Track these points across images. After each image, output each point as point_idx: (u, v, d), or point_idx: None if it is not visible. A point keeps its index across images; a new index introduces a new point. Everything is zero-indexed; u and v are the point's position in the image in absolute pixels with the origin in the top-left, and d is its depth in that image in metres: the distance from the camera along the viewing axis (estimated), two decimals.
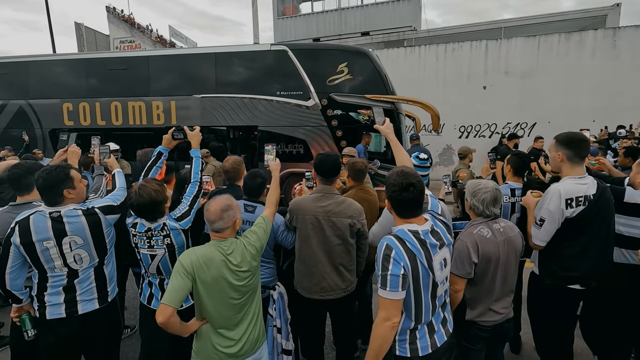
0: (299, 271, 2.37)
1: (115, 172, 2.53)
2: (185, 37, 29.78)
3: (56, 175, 1.95)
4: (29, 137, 7.16)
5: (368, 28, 18.97)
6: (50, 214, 1.93)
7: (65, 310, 1.97)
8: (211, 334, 1.78)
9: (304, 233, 2.30)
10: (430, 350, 1.62)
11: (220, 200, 1.76)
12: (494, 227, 1.98)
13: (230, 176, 2.73)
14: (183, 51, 9.31)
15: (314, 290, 2.30)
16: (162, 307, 1.60)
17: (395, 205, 1.66)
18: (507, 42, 10.97)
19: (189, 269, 1.66)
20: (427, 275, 1.57)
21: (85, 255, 2.01)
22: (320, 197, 2.31)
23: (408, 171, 1.66)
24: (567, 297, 2.17)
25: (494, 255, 1.91)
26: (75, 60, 7.85)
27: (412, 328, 1.61)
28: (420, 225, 1.63)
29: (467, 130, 11.36)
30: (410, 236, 1.57)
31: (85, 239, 1.99)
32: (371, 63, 6.63)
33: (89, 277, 2.05)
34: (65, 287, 1.98)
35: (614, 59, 10.06)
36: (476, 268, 1.92)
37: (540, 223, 2.11)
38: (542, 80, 10.48)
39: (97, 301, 2.07)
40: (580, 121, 8.68)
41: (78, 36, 25.39)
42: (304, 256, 2.32)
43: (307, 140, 6.80)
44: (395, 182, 1.62)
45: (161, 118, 7.24)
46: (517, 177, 2.87)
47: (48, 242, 1.91)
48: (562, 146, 2.14)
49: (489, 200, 1.99)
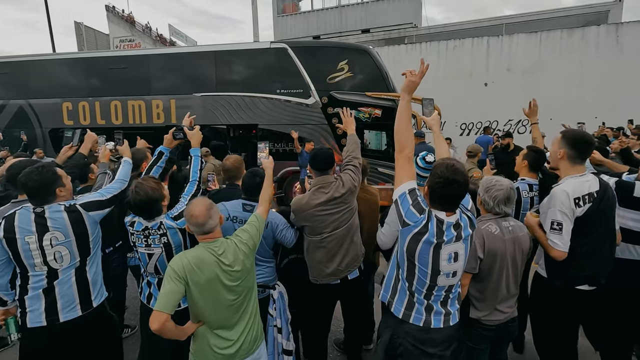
0: (319, 261, 2.39)
1: (122, 161, 2.42)
2: (185, 35, 29.75)
3: (47, 174, 1.92)
4: (29, 137, 7.17)
5: (368, 25, 18.89)
6: (34, 209, 1.89)
7: (45, 318, 1.90)
8: (208, 335, 1.76)
9: (316, 226, 2.34)
10: (422, 324, 1.66)
11: (200, 202, 1.74)
12: (502, 224, 1.95)
13: (230, 175, 2.71)
14: (183, 50, 9.30)
15: (340, 271, 2.38)
16: (156, 313, 1.57)
17: (435, 196, 1.63)
18: (509, 39, 10.92)
19: (181, 273, 1.64)
20: (427, 252, 1.59)
21: (65, 252, 1.93)
22: (318, 188, 2.35)
23: (458, 167, 1.60)
24: (576, 298, 2.14)
25: (500, 252, 1.89)
26: (75, 60, 7.83)
27: (408, 294, 1.68)
28: (447, 217, 1.62)
29: (469, 127, 11.33)
30: (433, 220, 1.59)
31: (66, 235, 1.92)
32: (372, 60, 6.59)
33: (69, 279, 1.95)
34: (45, 289, 1.92)
35: (617, 54, 10.00)
36: (481, 264, 1.90)
37: (559, 227, 2.00)
38: (545, 76, 10.43)
39: (80, 307, 1.97)
40: (582, 118, 8.62)
41: (78, 35, 25.40)
42: (324, 243, 2.36)
43: (307, 138, 6.77)
44: (442, 174, 1.57)
45: (161, 117, 7.22)
46: (533, 173, 2.84)
47: (30, 237, 1.87)
48: (567, 145, 2.08)
49: (500, 198, 1.95)
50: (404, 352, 1.68)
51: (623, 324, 2.33)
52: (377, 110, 6.45)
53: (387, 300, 1.78)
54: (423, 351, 1.66)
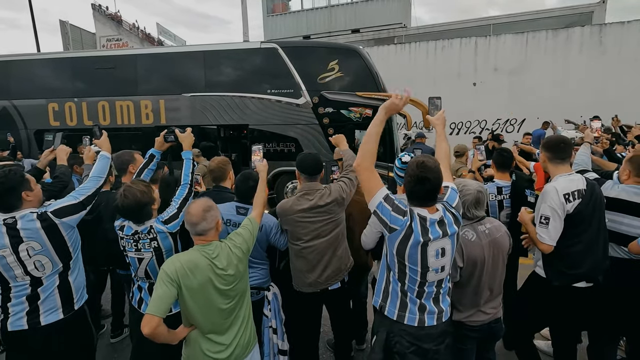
0: (300, 269, 2.36)
1: (99, 156, 2.30)
2: (173, 35, 29.38)
3: (13, 177, 1.85)
4: (14, 139, 7.00)
5: (358, 25, 18.96)
6: (4, 221, 1.81)
7: (27, 321, 1.87)
8: (200, 339, 1.75)
9: (296, 232, 2.31)
10: (417, 324, 1.69)
11: (201, 202, 1.75)
12: (479, 229, 1.96)
13: (215, 176, 2.67)
14: (172, 49, 9.18)
15: (319, 283, 2.33)
16: (148, 317, 1.55)
17: (410, 194, 1.69)
18: (496, 39, 11.08)
19: (174, 276, 1.62)
20: (416, 252, 1.62)
21: (46, 261, 1.89)
22: (303, 194, 2.33)
23: (428, 164, 1.62)
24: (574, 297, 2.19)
25: (479, 258, 1.90)
26: (61, 59, 7.67)
27: (400, 295, 1.70)
28: (430, 213, 1.65)
29: (458, 127, 11.46)
30: (416, 217, 1.62)
31: (42, 244, 1.86)
32: (362, 60, 6.62)
33: (53, 285, 1.92)
34: (29, 296, 1.88)
35: (600, 55, 10.24)
36: (462, 271, 1.91)
37: (546, 221, 2.11)
38: (531, 76, 10.62)
39: (62, 311, 1.95)
40: (567, 116, 8.81)
41: (63, 34, 24.86)
42: (303, 253, 2.32)
43: (298, 138, 6.77)
44: (413, 173, 1.62)
45: (150, 117, 7.13)
46: (502, 173, 2.87)
47: (4, 251, 1.81)
48: (543, 149, 2.34)
49: (469, 203, 1.96)
50: (400, 349, 1.70)
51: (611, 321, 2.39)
52: (367, 110, 6.48)
53: (379, 305, 1.80)
54: (419, 347, 1.68)
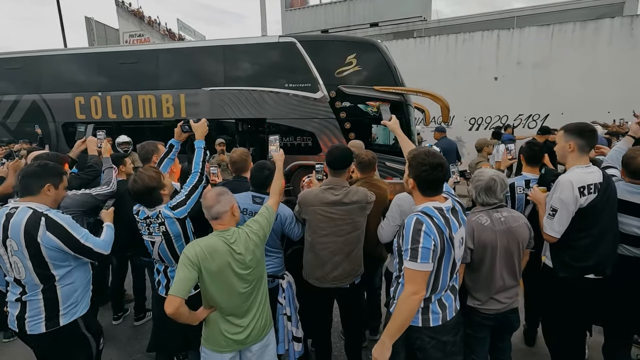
0: (310, 262, 2.38)
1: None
2: (193, 30, 29.80)
3: (53, 167, 1.96)
4: (43, 132, 7.32)
5: (377, 19, 18.71)
6: (10, 209, 1.80)
7: (17, 326, 1.84)
8: (220, 321, 1.82)
9: (314, 224, 2.33)
10: (440, 322, 1.69)
11: (216, 188, 1.85)
12: (494, 215, 2.00)
13: (237, 167, 2.76)
14: (192, 44, 9.33)
15: (326, 280, 2.33)
16: (170, 298, 1.62)
17: (423, 184, 1.69)
18: (520, 32, 10.73)
19: (194, 259, 1.69)
20: (450, 251, 1.63)
21: (20, 265, 1.77)
22: (328, 188, 2.32)
23: (434, 152, 1.72)
24: (582, 288, 2.16)
25: (490, 243, 1.94)
26: (87, 55, 7.93)
27: (425, 299, 1.67)
28: (442, 203, 1.69)
29: (478, 122, 11.21)
30: (436, 212, 1.63)
31: (19, 245, 1.74)
32: (380, 54, 6.55)
33: (36, 292, 1.81)
34: (18, 298, 1.82)
35: (631, 47, 9.76)
36: (473, 254, 1.96)
37: (553, 213, 2.10)
38: (556, 70, 10.23)
39: (44, 324, 1.81)
40: (595, 112, 8.48)
41: (88, 30, 25.60)
42: (316, 247, 2.33)
43: (315, 132, 6.79)
44: (426, 161, 1.65)
45: (171, 111, 7.30)
46: (532, 167, 2.82)
47: None
48: (574, 136, 2.15)
49: (480, 188, 2.03)
50: (421, 344, 1.70)
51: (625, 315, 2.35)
52: (385, 104, 6.44)
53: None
54: (439, 340, 1.70)
